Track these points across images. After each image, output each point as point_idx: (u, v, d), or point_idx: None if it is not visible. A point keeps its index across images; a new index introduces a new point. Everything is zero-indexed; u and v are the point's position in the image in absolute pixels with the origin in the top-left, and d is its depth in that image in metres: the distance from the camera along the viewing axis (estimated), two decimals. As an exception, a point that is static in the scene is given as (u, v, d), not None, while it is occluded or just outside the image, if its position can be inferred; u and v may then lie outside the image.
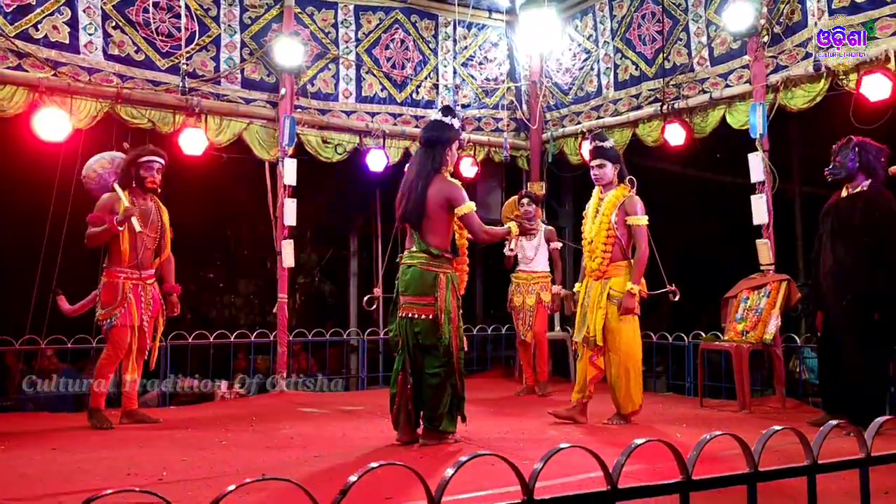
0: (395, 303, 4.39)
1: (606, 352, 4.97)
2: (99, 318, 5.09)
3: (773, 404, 5.91)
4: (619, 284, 4.92)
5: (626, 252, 4.99)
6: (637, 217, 4.92)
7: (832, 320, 4.80)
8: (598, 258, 4.99)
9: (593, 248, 5.03)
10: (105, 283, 5.08)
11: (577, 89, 8.06)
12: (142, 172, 5.18)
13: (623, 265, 4.98)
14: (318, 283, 9.78)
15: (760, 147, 6.13)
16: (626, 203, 4.96)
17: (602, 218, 5.00)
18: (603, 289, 4.96)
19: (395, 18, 7.76)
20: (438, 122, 4.45)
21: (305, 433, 4.77)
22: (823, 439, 1.57)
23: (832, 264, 4.75)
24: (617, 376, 4.94)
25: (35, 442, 4.47)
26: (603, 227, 4.97)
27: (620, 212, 4.95)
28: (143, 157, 5.21)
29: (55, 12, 6.00)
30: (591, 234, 5.06)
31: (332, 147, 7.35)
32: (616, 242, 4.96)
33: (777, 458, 2.40)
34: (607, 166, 5.06)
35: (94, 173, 5.24)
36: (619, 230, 4.94)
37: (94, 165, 5.27)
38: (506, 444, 4.35)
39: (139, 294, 5.13)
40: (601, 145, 5.09)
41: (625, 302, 4.87)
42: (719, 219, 9.11)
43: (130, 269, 5.11)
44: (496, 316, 9.33)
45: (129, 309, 5.05)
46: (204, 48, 6.73)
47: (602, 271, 4.98)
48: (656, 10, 7.10)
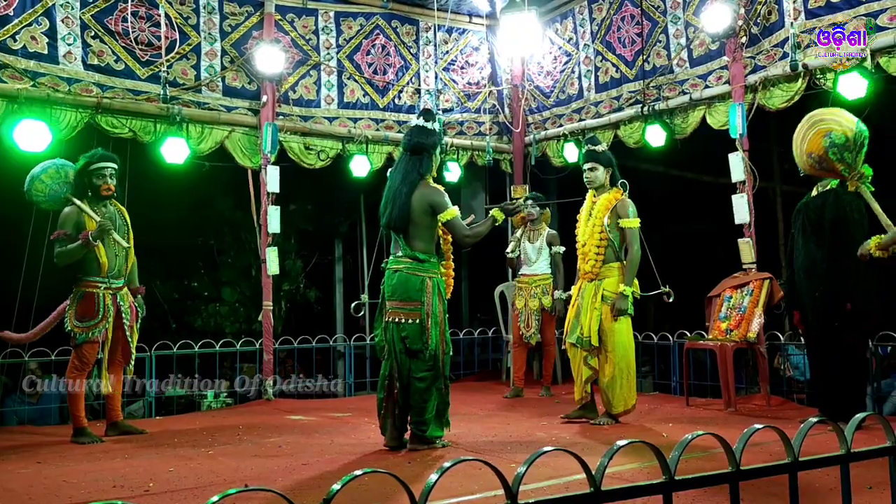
0: (382, 308, 4.40)
1: (601, 352, 5.05)
2: (74, 330, 4.87)
3: (759, 402, 5.96)
4: (612, 285, 5.03)
5: (618, 254, 5.11)
6: (629, 219, 5.04)
7: (809, 317, 4.87)
8: (591, 260, 5.09)
9: (586, 250, 5.14)
10: (83, 295, 4.89)
11: (558, 92, 8.10)
12: (94, 180, 4.92)
13: (616, 267, 5.08)
14: (303, 289, 9.75)
15: (740, 147, 6.18)
16: (619, 206, 5.08)
17: (595, 220, 5.10)
18: (597, 290, 5.05)
19: (376, 24, 7.76)
20: (421, 127, 4.45)
21: (293, 441, 4.76)
22: (804, 437, 1.59)
23: (805, 261, 4.84)
24: (611, 376, 5.02)
25: (20, 456, 4.44)
26: (596, 230, 5.08)
27: (613, 214, 5.07)
28: (93, 164, 4.92)
29: (33, 23, 5.96)
30: (585, 237, 5.17)
31: (314, 153, 7.35)
32: (609, 245, 5.07)
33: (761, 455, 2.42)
34: (599, 169, 5.16)
35: (41, 185, 4.88)
36: (611, 232, 5.05)
37: (41, 176, 4.90)
38: (493, 448, 4.36)
39: (118, 304, 5.00)
40: (593, 149, 5.20)
41: (617, 303, 4.97)
42: (701, 218, 9.19)
43: (109, 279, 4.94)
44: (482, 319, 9.36)
45: (108, 325, 4.93)
46: (184, 57, 6.71)
47: (595, 273, 5.08)
48: (635, 12, 7.15)
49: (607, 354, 5.01)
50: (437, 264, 4.37)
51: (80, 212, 4.88)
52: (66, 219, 4.88)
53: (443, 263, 4.49)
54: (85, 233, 4.82)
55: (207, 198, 9.13)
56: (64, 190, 4.92)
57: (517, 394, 6.82)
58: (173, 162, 6.46)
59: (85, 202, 4.92)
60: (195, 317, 9.21)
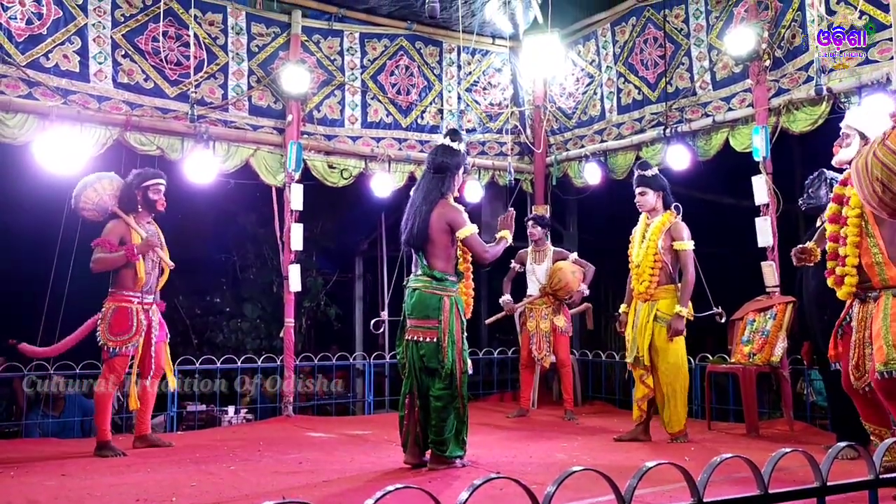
0: (402, 326, 4.42)
1: (654, 371, 5.17)
2: (107, 344, 4.97)
3: (782, 427, 5.89)
4: (665, 306, 5.16)
5: (671, 276, 5.22)
6: (683, 242, 5.19)
7: (820, 344, 4.81)
8: (645, 281, 5.22)
9: (641, 271, 5.26)
10: (116, 309, 5.01)
11: (580, 113, 8.13)
12: (151, 195, 5.16)
13: (669, 288, 5.21)
14: (323, 306, 9.79)
15: (764, 170, 6.17)
16: (672, 228, 5.22)
17: (649, 243, 5.23)
18: (651, 310, 5.18)
19: (400, 45, 7.85)
20: (446, 147, 4.48)
21: (313, 458, 4.77)
22: (832, 461, 1.58)
23: (815, 289, 4.77)
24: (664, 395, 5.16)
25: (44, 468, 4.48)
26: (650, 252, 5.21)
27: (667, 237, 5.20)
28: (150, 179, 5.19)
29: (66, 42, 6.10)
30: (639, 259, 5.29)
31: (337, 172, 7.42)
32: (663, 267, 5.18)
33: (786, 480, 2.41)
34: (649, 193, 5.30)
35: (93, 193, 5.08)
36: (665, 255, 5.17)
37: (94, 185, 5.10)
38: (513, 469, 4.34)
39: (150, 319, 5.13)
40: (643, 174, 5.34)
41: (674, 324, 5.09)
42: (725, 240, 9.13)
43: (142, 294, 5.08)
44: (502, 339, 9.34)
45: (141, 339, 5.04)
46: (212, 76, 6.82)
47: (650, 294, 5.21)
48: (658, 35, 7.18)
49: (659, 374, 5.15)
50: (456, 283, 4.39)
51: (127, 226, 5.05)
52: (111, 230, 5.05)
53: (462, 283, 4.51)
54: (130, 246, 4.98)
55: (231, 214, 9.22)
56: (111, 203, 5.12)
57: (521, 414, 6.81)
58: (199, 180, 6.56)
59: (131, 217, 5.08)
60: (217, 332, 9.27)
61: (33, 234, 6.80)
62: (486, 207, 8.64)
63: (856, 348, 3.54)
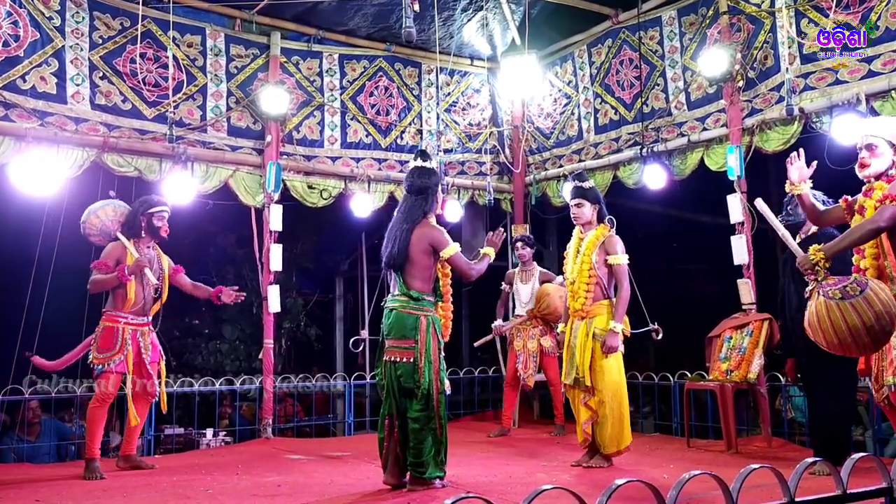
0: (381, 347, 4.41)
1: (594, 391, 4.95)
2: (93, 361, 5.11)
3: (760, 443, 5.93)
4: (602, 323, 4.96)
5: (607, 291, 5.06)
6: (617, 256, 5.00)
7: (803, 360, 4.85)
8: (580, 298, 5.04)
9: (576, 288, 5.07)
10: (104, 329, 5.13)
11: (558, 133, 8.21)
12: (155, 222, 5.31)
13: (605, 304, 5.03)
14: (303, 327, 9.75)
15: (738, 188, 6.25)
16: (607, 242, 5.04)
17: (583, 258, 5.05)
18: (588, 328, 4.98)
19: (379, 66, 7.90)
20: (421, 168, 4.51)
21: (292, 481, 4.73)
22: (799, 478, 1.61)
23: (797, 304, 4.81)
24: (603, 416, 4.93)
25: (17, 493, 4.41)
26: (584, 267, 5.03)
27: (601, 251, 5.02)
28: (155, 207, 5.33)
29: (43, 63, 6.08)
30: (573, 275, 5.11)
31: (317, 192, 7.42)
32: (598, 282, 5.02)
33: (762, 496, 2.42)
34: (585, 205, 5.13)
35: (97, 220, 5.28)
36: (599, 269, 5.01)
37: (98, 212, 5.31)
38: (493, 488, 4.33)
39: (137, 339, 5.19)
40: (580, 185, 5.17)
41: (608, 340, 4.91)
42: (702, 258, 9.22)
43: (132, 315, 5.18)
44: (483, 359, 9.34)
45: (126, 357, 5.10)
46: (190, 97, 6.82)
47: (585, 311, 5.02)
48: (634, 56, 7.28)
49: (598, 393, 4.93)
50: (433, 303, 4.39)
51: (124, 248, 5.19)
52: (108, 252, 5.19)
53: (441, 304, 4.51)
54: (122, 266, 5.11)
55: (210, 235, 9.19)
56: (115, 228, 5.28)
57: (502, 433, 6.81)
58: (178, 201, 6.52)
59: (131, 242, 5.23)
60: (195, 354, 9.19)
61: (9, 257, 6.73)
62: (466, 227, 8.68)
63: (876, 361, 3.59)
